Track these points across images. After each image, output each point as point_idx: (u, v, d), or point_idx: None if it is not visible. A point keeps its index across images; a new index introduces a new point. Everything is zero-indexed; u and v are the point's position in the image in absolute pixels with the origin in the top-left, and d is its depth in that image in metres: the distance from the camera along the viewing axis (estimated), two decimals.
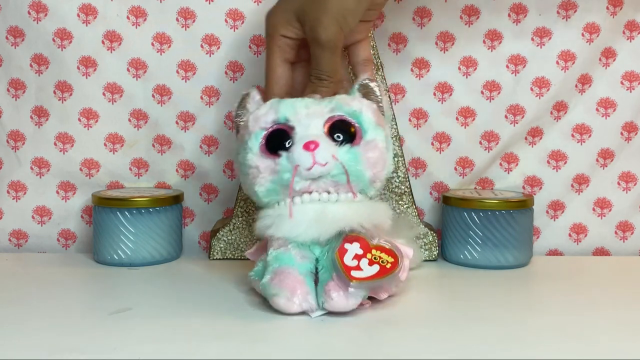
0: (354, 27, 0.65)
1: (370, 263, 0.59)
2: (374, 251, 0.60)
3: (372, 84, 0.65)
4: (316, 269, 0.62)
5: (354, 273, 0.58)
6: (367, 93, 0.65)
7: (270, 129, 0.62)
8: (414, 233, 0.77)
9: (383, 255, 0.60)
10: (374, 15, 0.69)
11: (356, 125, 0.62)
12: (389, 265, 0.59)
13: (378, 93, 0.65)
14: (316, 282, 0.61)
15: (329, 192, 0.62)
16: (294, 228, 0.61)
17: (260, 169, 0.62)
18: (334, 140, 0.61)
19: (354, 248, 0.60)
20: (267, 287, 0.60)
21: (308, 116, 0.62)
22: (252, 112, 0.64)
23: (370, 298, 0.62)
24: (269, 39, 0.67)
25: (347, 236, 0.60)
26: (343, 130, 0.62)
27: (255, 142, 0.62)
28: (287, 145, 0.61)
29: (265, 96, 0.66)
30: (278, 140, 0.62)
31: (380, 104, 0.65)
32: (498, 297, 0.67)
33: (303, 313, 0.60)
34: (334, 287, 0.59)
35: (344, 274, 0.58)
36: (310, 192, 0.61)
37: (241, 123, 0.65)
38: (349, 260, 0.59)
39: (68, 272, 0.75)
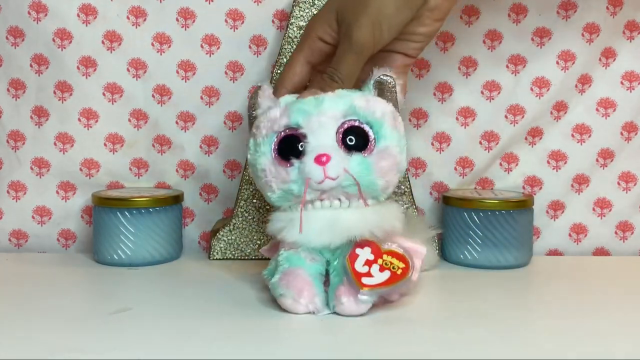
0: (388, 39, 0.64)
1: (382, 269, 0.59)
2: (385, 256, 0.60)
3: (388, 80, 0.63)
4: (327, 270, 0.62)
5: (364, 280, 0.58)
6: (382, 90, 0.63)
7: (283, 135, 0.62)
8: (431, 234, 0.76)
9: (394, 260, 0.59)
10: (414, 50, 0.67)
11: (370, 133, 0.61)
12: (399, 272, 0.59)
13: (393, 90, 0.63)
14: (326, 283, 0.61)
15: (340, 200, 0.61)
16: (305, 235, 0.61)
17: (272, 175, 0.61)
18: (345, 145, 0.61)
19: (365, 253, 0.60)
20: (276, 287, 0.61)
21: (320, 124, 0.60)
22: (265, 112, 0.63)
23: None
24: (304, 34, 0.67)
25: (359, 241, 0.60)
26: (356, 134, 0.61)
27: (268, 146, 0.62)
28: (300, 149, 0.60)
29: (276, 87, 0.67)
30: (290, 146, 0.61)
31: (396, 103, 0.64)
32: (498, 297, 0.67)
33: (303, 313, 0.60)
34: (345, 292, 0.59)
35: (354, 280, 0.58)
36: (322, 200, 0.61)
37: (253, 115, 0.65)
38: (359, 266, 0.59)
39: (68, 272, 0.75)
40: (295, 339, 0.56)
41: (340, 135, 0.61)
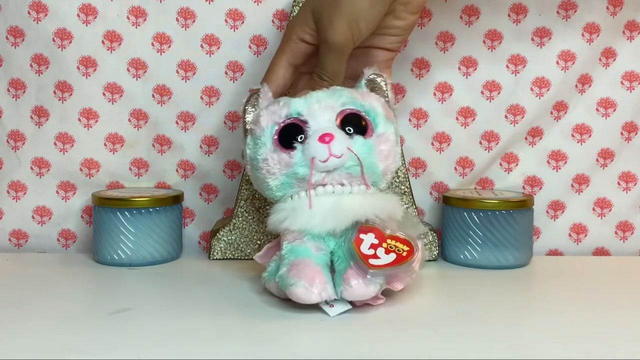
0: (366, 34, 0.65)
1: (387, 252, 0.60)
2: (389, 240, 0.61)
3: (379, 79, 0.66)
4: (331, 261, 0.62)
5: (371, 261, 0.59)
6: (374, 88, 0.66)
7: (283, 123, 0.63)
8: (418, 231, 0.76)
9: (398, 244, 0.61)
10: (394, 44, 0.68)
11: (367, 118, 0.63)
12: (404, 253, 0.60)
13: (385, 88, 0.66)
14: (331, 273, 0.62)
15: (342, 185, 0.62)
16: (310, 220, 0.61)
17: (274, 163, 0.62)
18: (346, 133, 0.62)
19: (369, 238, 0.60)
20: (284, 278, 0.60)
21: (320, 109, 0.62)
22: (264, 107, 0.65)
23: (384, 294, 0.62)
24: (284, 37, 0.68)
25: (362, 227, 0.61)
26: (354, 124, 0.63)
27: (269, 137, 0.63)
28: (299, 140, 0.62)
29: None
30: (291, 134, 0.62)
31: (387, 99, 0.66)
32: (498, 297, 0.67)
33: (303, 313, 0.60)
34: (353, 275, 0.59)
35: (362, 261, 0.59)
36: (325, 185, 0.62)
37: (248, 119, 0.65)
38: (365, 249, 0.60)
39: (68, 272, 0.75)
40: (295, 339, 0.56)
41: (339, 121, 0.62)
